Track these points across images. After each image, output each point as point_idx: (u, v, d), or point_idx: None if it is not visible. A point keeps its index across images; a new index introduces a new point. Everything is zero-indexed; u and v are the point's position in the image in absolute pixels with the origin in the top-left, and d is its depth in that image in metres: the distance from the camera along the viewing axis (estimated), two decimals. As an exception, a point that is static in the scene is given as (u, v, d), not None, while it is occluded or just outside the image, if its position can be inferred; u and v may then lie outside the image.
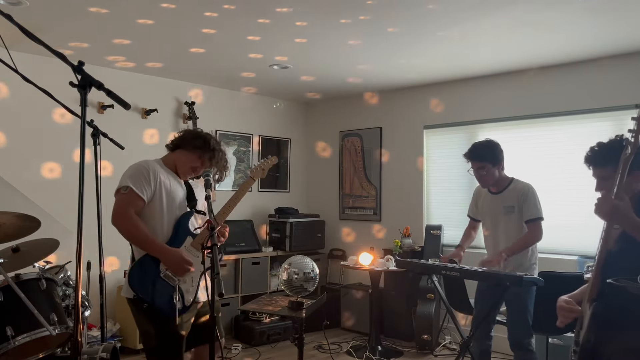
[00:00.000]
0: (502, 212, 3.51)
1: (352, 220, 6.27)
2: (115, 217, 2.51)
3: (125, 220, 2.49)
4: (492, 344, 3.66)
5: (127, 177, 2.55)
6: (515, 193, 3.47)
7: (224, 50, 4.33)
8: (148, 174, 2.56)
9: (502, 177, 3.52)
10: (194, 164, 2.71)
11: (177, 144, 2.76)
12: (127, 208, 2.50)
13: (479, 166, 3.47)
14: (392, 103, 5.92)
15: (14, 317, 2.65)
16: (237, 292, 5.47)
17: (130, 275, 2.54)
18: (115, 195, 2.57)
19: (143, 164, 2.62)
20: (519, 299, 3.38)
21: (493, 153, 3.47)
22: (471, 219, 3.84)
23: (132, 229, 2.50)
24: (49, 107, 4.15)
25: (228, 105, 5.90)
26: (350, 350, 4.95)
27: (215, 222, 2.30)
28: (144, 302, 2.50)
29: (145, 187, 2.53)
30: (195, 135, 2.75)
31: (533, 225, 3.40)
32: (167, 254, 2.52)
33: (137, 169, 2.58)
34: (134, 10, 3.44)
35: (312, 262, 3.08)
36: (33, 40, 1.69)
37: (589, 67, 4.52)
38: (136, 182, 2.52)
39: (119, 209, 2.51)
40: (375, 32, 3.84)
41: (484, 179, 3.51)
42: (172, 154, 2.76)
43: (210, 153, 2.70)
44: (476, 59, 4.55)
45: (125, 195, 2.51)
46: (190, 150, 2.70)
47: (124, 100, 1.67)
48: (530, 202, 3.42)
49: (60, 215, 4.31)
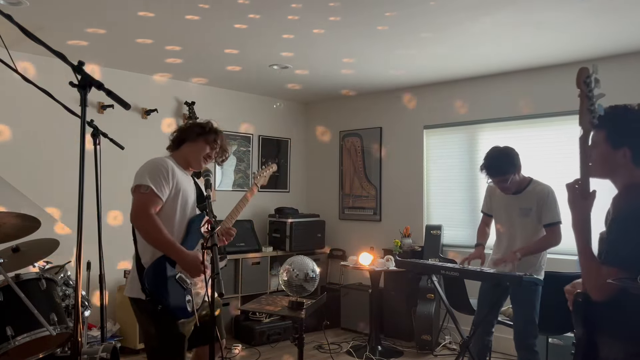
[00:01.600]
0: (518, 213, 3.43)
1: (352, 220, 6.27)
2: (136, 217, 2.48)
3: (147, 220, 2.45)
4: (493, 343, 3.65)
5: (147, 176, 2.50)
6: (535, 195, 3.38)
7: (224, 50, 4.33)
8: (167, 173, 2.53)
9: (521, 178, 3.43)
10: (204, 152, 2.71)
11: (179, 138, 2.74)
12: (149, 208, 2.46)
13: (502, 179, 3.34)
14: (392, 103, 5.92)
15: (14, 317, 2.65)
16: (237, 292, 5.47)
17: (146, 276, 2.49)
18: (134, 193, 2.52)
19: (161, 162, 2.58)
20: (526, 299, 3.34)
21: (513, 162, 3.34)
22: (485, 214, 3.75)
23: (153, 229, 2.46)
24: (49, 107, 4.15)
25: (228, 105, 5.90)
26: (350, 350, 4.95)
27: (216, 222, 2.30)
28: (158, 304, 2.46)
29: (164, 187, 2.51)
30: (192, 125, 2.78)
31: (552, 229, 3.34)
32: (185, 257, 2.50)
33: (156, 167, 2.54)
34: (133, 10, 3.44)
35: (312, 262, 3.08)
36: (33, 40, 1.69)
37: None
38: (156, 182, 2.49)
39: (140, 209, 2.47)
40: (375, 32, 3.84)
41: (507, 188, 3.40)
42: (179, 151, 2.73)
43: (214, 135, 2.72)
44: (476, 59, 4.55)
45: (145, 194, 2.47)
46: (195, 139, 2.70)
47: (124, 100, 1.67)
48: (550, 206, 3.34)
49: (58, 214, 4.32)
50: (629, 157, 1.75)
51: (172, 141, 2.78)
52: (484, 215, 3.76)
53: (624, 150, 1.74)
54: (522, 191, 3.44)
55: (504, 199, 3.50)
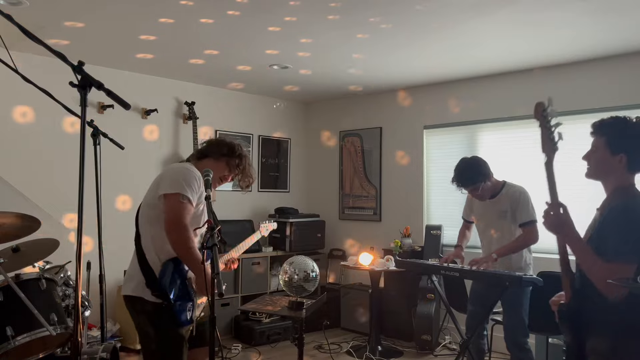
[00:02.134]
0: (495, 216, 3.55)
1: (352, 220, 6.27)
2: (173, 225, 2.40)
3: (183, 231, 2.40)
4: (492, 343, 3.67)
5: (184, 184, 2.44)
6: (508, 198, 3.51)
7: (223, 50, 4.33)
8: (199, 185, 2.49)
9: (494, 184, 3.55)
10: (222, 173, 2.67)
11: (204, 152, 2.69)
12: (185, 218, 2.41)
13: (473, 188, 3.48)
14: (392, 103, 5.92)
15: (14, 317, 2.66)
16: (237, 292, 5.47)
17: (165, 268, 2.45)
18: (170, 199, 2.44)
19: (194, 171, 2.52)
20: (515, 299, 3.42)
21: (481, 171, 3.46)
22: (465, 220, 3.89)
23: (187, 240, 2.41)
24: (49, 107, 4.14)
25: (228, 105, 5.90)
26: (350, 350, 4.95)
27: (216, 222, 2.28)
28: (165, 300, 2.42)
29: (195, 197, 2.47)
30: (221, 143, 2.70)
31: (528, 228, 3.44)
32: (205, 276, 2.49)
33: (190, 176, 2.49)
34: (134, 10, 3.44)
35: (312, 262, 3.08)
36: (33, 40, 1.69)
37: (589, 67, 4.52)
38: (192, 192, 2.45)
39: (179, 218, 2.40)
40: (375, 32, 3.84)
41: (481, 196, 3.54)
42: (200, 163, 2.67)
43: (237, 159, 2.67)
44: (476, 59, 4.55)
45: (183, 204, 2.41)
46: (217, 158, 2.65)
47: (124, 100, 1.67)
48: (523, 207, 3.45)
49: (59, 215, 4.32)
50: (624, 163, 1.97)
51: (198, 151, 2.73)
52: (464, 221, 3.90)
53: (621, 156, 1.97)
54: (497, 195, 3.56)
55: (483, 204, 3.62)
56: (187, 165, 2.60)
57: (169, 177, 2.52)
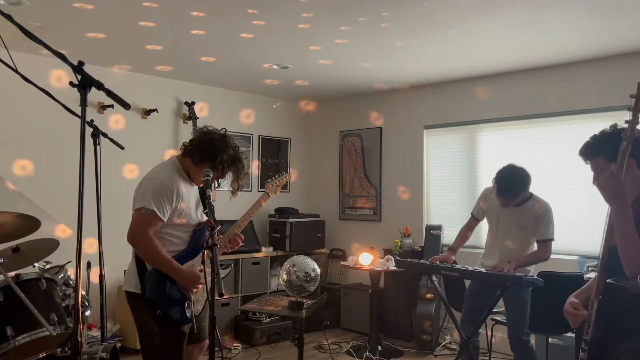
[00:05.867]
0: (516, 226, 3.55)
1: (352, 220, 6.27)
2: (133, 237, 2.47)
3: (144, 242, 2.45)
4: (492, 344, 3.67)
5: (150, 196, 2.44)
6: (533, 212, 3.51)
7: (223, 50, 4.33)
8: (172, 195, 2.48)
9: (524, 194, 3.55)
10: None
11: (188, 153, 2.61)
12: (147, 229, 2.44)
13: (511, 200, 3.47)
14: (392, 103, 5.91)
15: (14, 317, 2.65)
16: (237, 292, 5.47)
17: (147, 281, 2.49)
18: (135, 212, 2.49)
19: (166, 181, 2.50)
20: (519, 298, 3.43)
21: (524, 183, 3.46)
22: (473, 217, 3.84)
23: (151, 250, 2.46)
24: (49, 107, 4.15)
25: (228, 105, 5.90)
26: (350, 350, 4.95)
27: (215, 222, 2.29)
28: (157, 309, 2.47)
29: (166, 208, 2.47)
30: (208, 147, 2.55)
31: (545, 245, 3.50)
32: (183, 275, 2.51)
33: (160, 188, 2.47)
34: (135, 11, 3.44)
35: (312, 262, 3.08)
36: (33, 40, 1.68)
37: (589, 67, 4.52)
38: (158, 204, 2.44)
39: (138, 230, 2.45)
40: (374, 32, 3.84)
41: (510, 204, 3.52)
42: (186, 160, 2.63)
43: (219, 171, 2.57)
44: (476, 59, 4.55)
45: (146, 216, 2.44)
46: (197, 164, 2.57)
47: (124, 100, 1.67)
48: (546, 224, 3.49)
49: (59, 215, 4.32)
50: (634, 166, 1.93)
51: (186, 146, 2.64)
52: (472, 218, 3.86)
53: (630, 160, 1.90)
54: (522, 205, 3.54)
55: (503, 210, 3.58)
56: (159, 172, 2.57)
57: (138, 190, 2.54)
